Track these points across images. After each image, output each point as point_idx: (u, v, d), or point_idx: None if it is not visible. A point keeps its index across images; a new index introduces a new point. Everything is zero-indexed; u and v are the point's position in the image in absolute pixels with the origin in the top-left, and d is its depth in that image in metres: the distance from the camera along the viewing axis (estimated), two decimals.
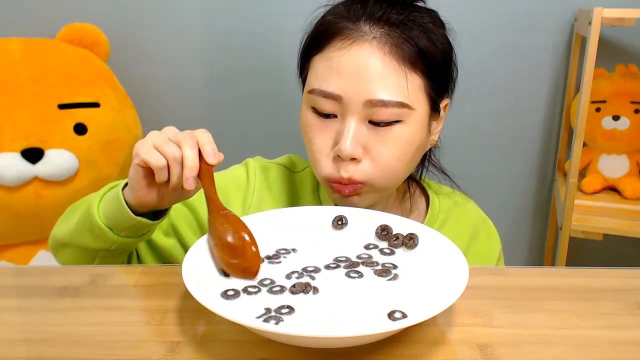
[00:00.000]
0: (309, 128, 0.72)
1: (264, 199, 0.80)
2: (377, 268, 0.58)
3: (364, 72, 0.67)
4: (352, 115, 0.68)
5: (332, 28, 0.70)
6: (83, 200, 0.75)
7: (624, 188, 1.43)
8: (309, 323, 0.49)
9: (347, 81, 0.67)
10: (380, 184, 0.71)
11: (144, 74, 1.52)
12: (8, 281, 0.65)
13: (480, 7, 1.43)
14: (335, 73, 0.68)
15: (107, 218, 0.66)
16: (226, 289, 0.54)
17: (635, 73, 1.43)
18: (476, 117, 1.50)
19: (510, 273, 0.66)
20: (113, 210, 0.65)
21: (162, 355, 0.49)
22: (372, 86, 0.67)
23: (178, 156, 0.59)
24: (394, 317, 0.50)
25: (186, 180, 0.59)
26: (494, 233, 0.85)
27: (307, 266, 0.59)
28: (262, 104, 1.52)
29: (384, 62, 0.67)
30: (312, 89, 0.70)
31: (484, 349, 0.50)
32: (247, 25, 1.47)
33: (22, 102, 1.22)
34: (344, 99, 0.68)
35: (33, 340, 0.52)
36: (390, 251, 0.62)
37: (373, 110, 0.67)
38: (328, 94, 0.68)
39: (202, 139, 0.61)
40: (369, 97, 0.67)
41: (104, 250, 0.69)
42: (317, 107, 0.70)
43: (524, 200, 1.59)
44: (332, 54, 0.69)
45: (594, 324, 0.55)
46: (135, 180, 0.63)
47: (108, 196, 0.68)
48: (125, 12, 1.48)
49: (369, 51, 0.67)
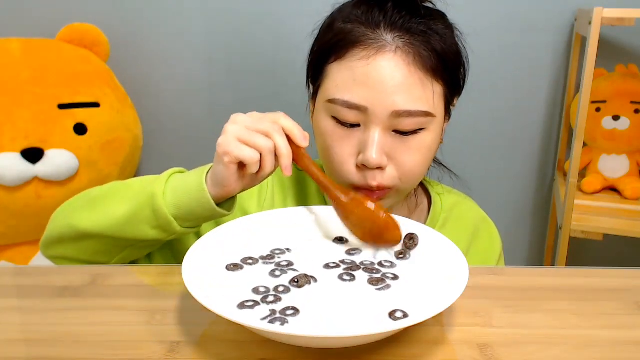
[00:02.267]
0: (330, 137, 0.71)
1: (276, 196, 0.81)
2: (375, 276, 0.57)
3: (389, 83, 0.67)
4: (377, 125, 0.68)
5: (351, 36, 0.69)
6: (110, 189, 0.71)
7: (624, 188, 1.43)
8: (310, 323, 0.49)
9: (372, 92, 0.67)
10: (405, 189, 0.73)
11: (144, 74, 1.52)
12: (8, 281, 0.65)
13: (480, 7, 1.43)
14: (360, 84, 0.67)
15: (179, 209, 0.64)
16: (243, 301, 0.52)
17: (635, 73, 1.43)
18: (476, 117, 1.50)
19: (510, 273, 0.66)
20: (191, 201, 0.64)
21: (162, 355, 0.49)
22: (397, 97, 0.67)
23: (271, 147, 0.60)
24: (395, 317, 0.49)
25: (285, 169, 0.61)
26: (494, 232, 0.86)
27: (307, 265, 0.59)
28: (262, 104, 1.52)
29: (409, 73, 0.67)
30: (334, 98, 0.69)
31: (484, 349, 0.50)
32: (247, 25, 1.47)
33: (22, 102, 1.22)
34: (370, 110, 0.67)
35: (33, 340, 0.52)
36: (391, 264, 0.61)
37: (398, 121, 0.68)
38: (353, 105, 0.68)
39: (287, 123, 0.62)
40: (395, 109, 0.67)
41: (150, 241, 0.67)
42: (339, 117, 0.70)
43: (524, 200, 1.59)
44: (354, 64, 0.68)
45: (594, 324, 0.55)
46: (227, 178, 0.62)
47: (177, 186, 0.65)
48: (125, 12, 1.48)
49: (394, 62, 0.67)
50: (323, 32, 0.74)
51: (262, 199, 0.80)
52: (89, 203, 0.71)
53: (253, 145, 0.60)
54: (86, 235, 0.69)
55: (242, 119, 0.62)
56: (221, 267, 0.58)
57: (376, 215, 0.62)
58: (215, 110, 1.54)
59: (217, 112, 1.54)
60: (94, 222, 0.68)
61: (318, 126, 0.73)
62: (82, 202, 0.73)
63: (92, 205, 0.71)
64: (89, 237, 0.69)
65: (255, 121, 0.62)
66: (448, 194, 0.86)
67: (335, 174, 0.73)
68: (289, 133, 0.62)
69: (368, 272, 0.58)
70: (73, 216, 0.71)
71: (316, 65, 0.74)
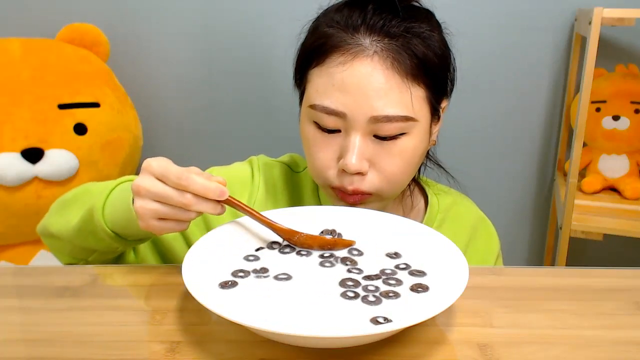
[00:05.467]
0: (311, 142, 0.71)
1: (267, 197, 0.81)
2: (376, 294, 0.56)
3: (367, 88, 0.66)
4: (357, 130, 0.68)
5: (330, 41, 0.69)
6: (76, 194, 0.73)
7: (624, 188, 1.43)
8: (309, 322, 0.49)
9: (350, 98, 0.67)
10: (386, 194, 0.72)
11: (144, 74, 1.52)
12: (8, 281, 0.65)
13: (480, 7, 1.43)
14: (338, 90, 0.67)
15: (115, 224, 0.65)
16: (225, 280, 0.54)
17: (635, 73, 1.43)
18: (476, 117, 1.50)
19: (510, 273, 0.66)
20: (122, 219, 0.64)
21: (162, 355, 0.49)
22: (376, 102, 0.66)
23: (193, 217, 0.59)
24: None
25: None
26: (492, 232, 0.85)
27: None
28: (262, 104, 1.52)
29: (387, 77, 0.67)
30: (314, 104, 0.69)
31: (484, 349, 0.50)
32: (248, 25, 1.47)
33: (22, 102, 1.22)
34: (348, 116, 0.67)
35: (33, 340, 0.52)
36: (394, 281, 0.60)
37: (378, 126, 0.67)
38: (331, 111, 0.68)
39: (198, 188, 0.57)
40: (373, 114, 0.66)
41: (109, 249, 0.68)
42: (319, 123, 0.70)
43: (524, 200, 1.59)
44: (333, 70, 0.68)
45: (594, 324, 0.55)
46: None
47: (114, 200, 0.65)
48: (125, 12, 1.48)
49: (370, 67, 0.66)
50: (307, 36, 0.74)
51: (251, 202, 0.80)
52: (60, 206, 0.74)
53: (173, 220, 0.59)
54: (55, 237, 0.73)
55: (152, 187, 0.57)
56: (221, 267, 0.58)
57: (324, 238, 0.63)
58: (215, 111, 1.54)
59: (217, 112, 1.54)
60: (59, 226, 0.71)
61: (302, 131, 0.73)
62: (57, 204, 0.75)
63: (60, 209, 0.74)
64: (57, 239, 0.72)
65: (169, 195, 0.57)
66: (445, 194, 0.86)
67: (318, 178, 0.73)
68: (205, 195, 0.57)
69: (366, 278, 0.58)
70: (48, 217, 0.75)
71: (300, 69, 0.74)
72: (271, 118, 1.53)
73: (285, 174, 0.84)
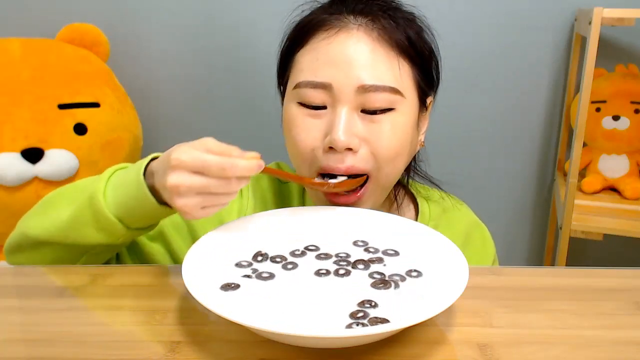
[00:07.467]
0: (295, 123, 0.68)
1: (256, 209, 0.79)
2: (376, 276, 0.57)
3: (353, 58, 0.65)
4: (343, 103, 0.66)
5: (314, 22, 0.68)
6: (60, 192, 0.69)
7: (624, 188, 1.43)
8: (308, 322, 0.49)
9: (336, 69, 0.65)
10: (383, 178, 0.69)
11: (144, 74, 1.52)
12: (8, 281, 0.65)
13: (480, 7, 1.43)
14: (323, 62, 0.66)
15: (119, 208, 0.62)
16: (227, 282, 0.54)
17: (635, 73, 1.43)
18: (476, 117, 1.50)
19: (510, 273, 0.66)
20: (130, 198, 0.61)
21: (162, 355, 0.49)
22: (362, 72, 0.65)
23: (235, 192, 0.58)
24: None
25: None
26: (487, 237, 0.83)
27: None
28: (263, 104, 1.52)
29: (373, 48, 0.66)
30: (299, 82, 0.67)
31: (484, 349, 0.50)
32: (248, 25, 1.47)
33: (22, 102, 1.22)
34: (334, 87, 0.65)
35: (33, 340, 0.52)
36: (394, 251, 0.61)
37: (365, 97, 0.65)
38: (317, 84, 0.66)
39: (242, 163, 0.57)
40: (360, 83, 0.65)
41: (101, 246, 0.65)
42: (304, 101, 0.68)
43: (524, 200, 1.59)
44: (317, 45, 0.67)
45: (594, 324, 0.55)
46: None
47: (117, 183, 0.63)
48: (125, 12, 1.48)
49: (356, 38, 0.66)
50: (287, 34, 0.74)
51: (241, 214, 0.78)
52: (39, 208, 0.69)
53: (218, 205, 0.58)
54: (38, 243, 0.67)
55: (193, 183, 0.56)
56: (221, 267, 0.58)
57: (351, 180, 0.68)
58: (215, 111, 1.54)
59: (217, 112, 1.54)
60: (42, 228, 0.66)
61: (285, 119, 0.71)
62: (35, 208, 0.70)
63: (41, 210, 0.69)
64: (41, 244, 0.67)
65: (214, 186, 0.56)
66: (436, 201, 0.83)
67: (303, 164, 0.70)
68: (248, 175, 0.57)
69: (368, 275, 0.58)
70: (26, 223, 0.69)
71: (283, 62, 0.74)
72: (272, 118, 1.53)
73: (273, 185, 0.82)
